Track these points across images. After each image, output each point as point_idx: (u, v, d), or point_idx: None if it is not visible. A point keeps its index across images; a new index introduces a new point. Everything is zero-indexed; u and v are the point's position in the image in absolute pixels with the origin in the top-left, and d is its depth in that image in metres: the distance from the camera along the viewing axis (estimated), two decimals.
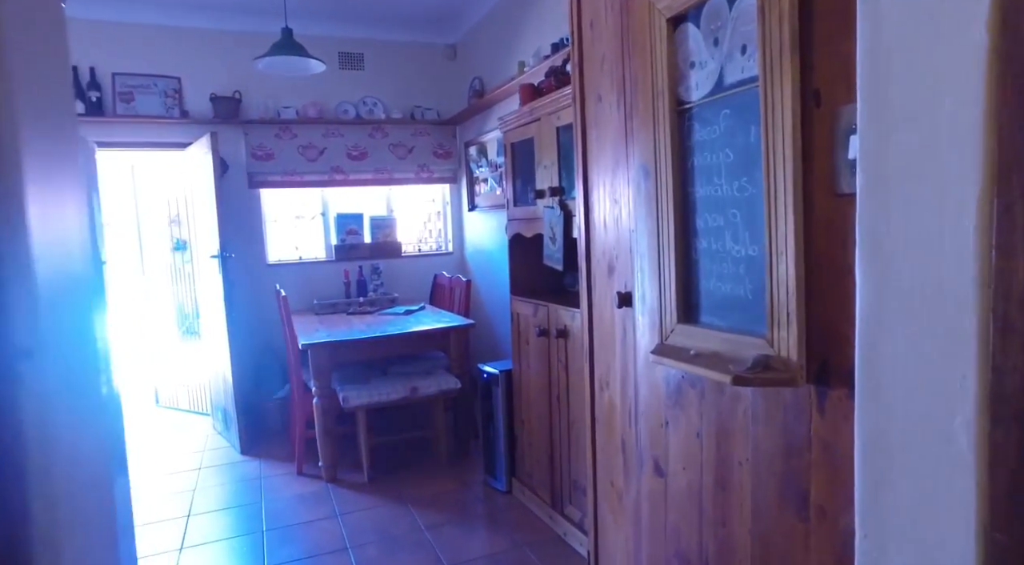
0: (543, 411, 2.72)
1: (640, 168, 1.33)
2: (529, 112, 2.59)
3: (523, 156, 2.78)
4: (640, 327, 1.42)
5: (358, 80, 4.57)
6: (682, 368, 1.11)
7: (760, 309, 1.00)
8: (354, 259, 4.61)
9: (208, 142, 3.61)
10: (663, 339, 1.23)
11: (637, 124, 1.36)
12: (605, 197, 1.69)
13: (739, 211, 1.04)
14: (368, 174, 4.65)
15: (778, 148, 0.94)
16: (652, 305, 1.31)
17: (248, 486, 3.29)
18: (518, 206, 2.86)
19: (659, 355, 1.18)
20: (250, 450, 3.79)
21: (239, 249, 4.25)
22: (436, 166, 4.84)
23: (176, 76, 4.10)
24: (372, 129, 4.61)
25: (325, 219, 4.72)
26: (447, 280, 4.33)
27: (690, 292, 1.17)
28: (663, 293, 1.23)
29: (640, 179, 1.34)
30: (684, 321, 1.18)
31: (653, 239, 1.26)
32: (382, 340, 3.35)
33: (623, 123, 1.46)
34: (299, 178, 4.44)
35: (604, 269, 1.75)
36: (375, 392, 3.26)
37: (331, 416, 3.28)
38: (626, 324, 1.54)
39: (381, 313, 4.08)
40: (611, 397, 1.75)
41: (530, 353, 2.81)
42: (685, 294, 1.18)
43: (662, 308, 1.24)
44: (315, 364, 3.22)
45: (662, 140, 1.19)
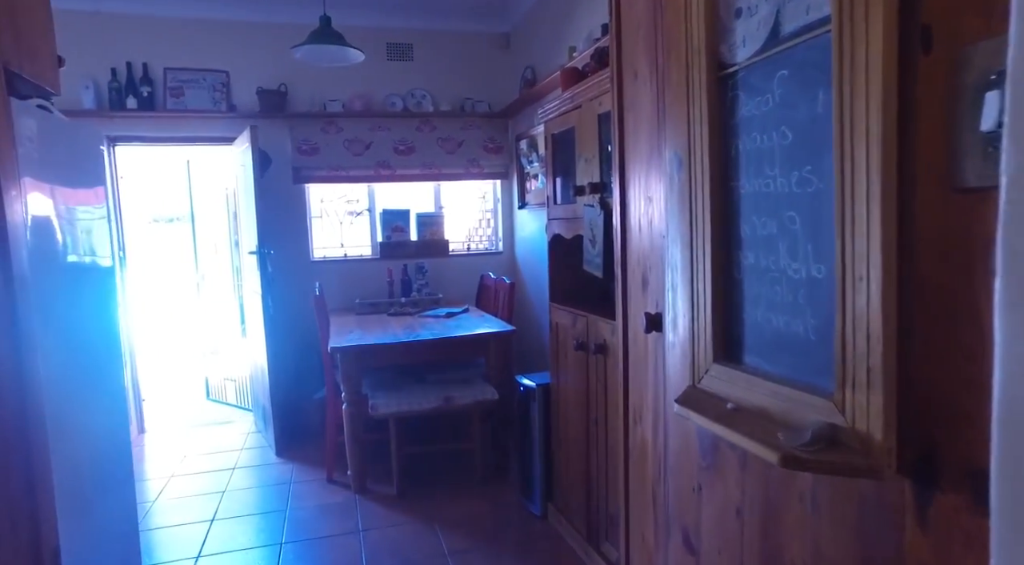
0: (580, 434, 2.43)
1: (673, 156, 1.04)
2: (570, 98, 2.31)
3: (564, 148, 2.50)
4: (671, 360, 1.12)
5: (406, 72, 4.40)
6: (714, 429, 0.81)
7: (826, 356, 0.70)
8: (399, 257, 4.45)
9: (249, 136, 3.51)
10: (695, 380, 0.93)
11: (670, 98, 1.06)
12: (640, 194, 1.40)
13: (799, 214, 0.74)
14: (415, 169, 4.47)
15: (859, 120, 0.63)
16: (684, 334, 1.01)
17: (276, 492, 3.17)
18: (559, 204, 2.58)
19: (687, 406, 0.88)
20: (285, 451, 3.69)
21: (283, 245, 4.17)
22: (486, 161, 4.61)
23: (224, 70, 4.05)
24: (420, 122, 4.43)
25: (372, 215, 4.59)
26: (492, 281, 4.09)
27: (731, 322, 0.87)
28: (697, 320, 0.93)
29: (673, 170, 1.04)
30: (722, 360, 0.88)
31: (686, 249, 0.97)
32: (415, 346, 3.15)
33: (656, 100, 1.16)
34: (344, 173, 4.32)
35: (638, 281, 1.45)
36: (406, 400, 3.06)
37: (361, 423, 3.11)
38: (658, 350, 1.24)
39: (422, 315, 3.90)
40: (644, 434, 1.45)
41: (568, 368, 2.53)
42: (724, 324, 0.88)
43: (695, 339, 0.94)
44: (344, 368, 3.05)
45: (698, 117, 0.90)
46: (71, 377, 1.78)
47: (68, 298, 1.78)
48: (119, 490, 2.12)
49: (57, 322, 1.70)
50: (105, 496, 2.00)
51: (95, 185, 2.03)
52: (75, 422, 1.80)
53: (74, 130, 1.93)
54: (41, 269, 1.61)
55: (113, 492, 2.07)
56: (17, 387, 1.38)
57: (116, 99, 3.84)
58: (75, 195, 1.90)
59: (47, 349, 1.62)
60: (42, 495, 1.47)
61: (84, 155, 1.98)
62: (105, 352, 2.04)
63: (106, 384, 2.04)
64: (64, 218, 1.78)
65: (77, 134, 1.95)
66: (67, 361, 1.76)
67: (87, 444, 1.89)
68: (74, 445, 1.80)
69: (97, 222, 2.02)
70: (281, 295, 4.04)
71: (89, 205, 1.98)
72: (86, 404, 1.88)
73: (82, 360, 1.86)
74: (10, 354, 1.37)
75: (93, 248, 1.98)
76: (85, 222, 1.93)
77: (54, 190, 1.70)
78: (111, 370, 2.08)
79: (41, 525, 1.45)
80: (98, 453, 1.96)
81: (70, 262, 1.81)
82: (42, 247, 1.62)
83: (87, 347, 1.90)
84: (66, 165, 1.82)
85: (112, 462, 2.07)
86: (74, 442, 1.80)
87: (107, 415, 2.03)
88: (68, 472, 1.75)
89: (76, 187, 1.90)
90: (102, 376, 2.01)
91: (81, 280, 1.88)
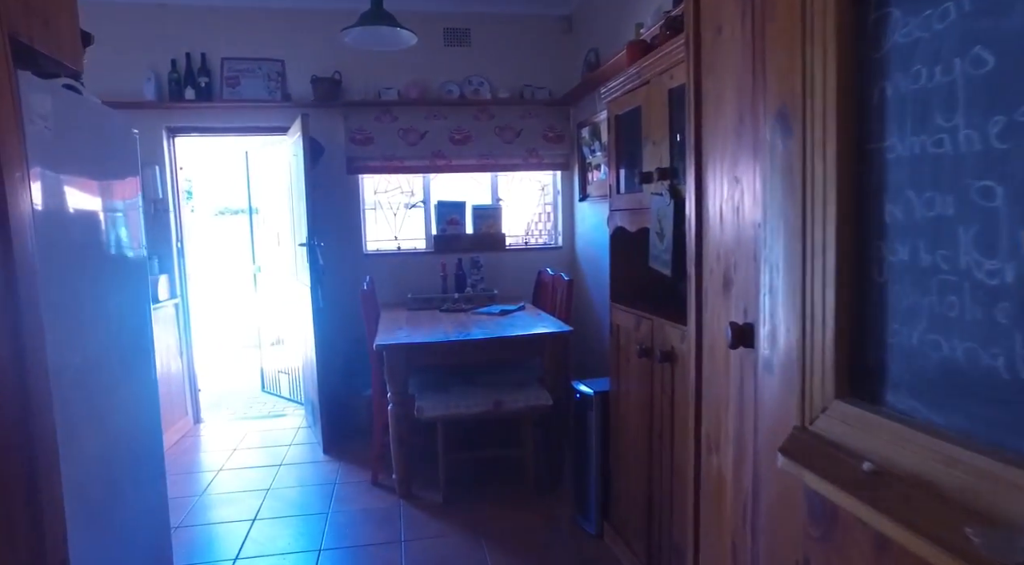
0: (642, 449, 2.18)
1: (775, 117, 0.79)
2: (637, 74, 2.05)
3: (629, 131, 2.24)
4: (765, 385, 0.86)
5: (463, 58, 4.22)
6: (845, 503, 0.56)
7: None
8: (454, 251, 4.29)
9: (300, 125, 3.41)
10: (805, 419, 0.68)
11: (772, 41, 0.80)
12: (721, 176, 1.14)
13: (1002, 183, 0.48)
14: (472, 159, 4.29)
15: None
16: (787, 354, 0.76)
17: (320, 493, 3.06)
18: (622, 193, 2.32)
19: (796, 459, 0.63)
20: (332, 449, 3.60)
21: (336, 238, 4.08)
22: (546, 151, 4.37)
23: (280, 59, 3.98)
24: (477, 111, 4.24)
25: (426, 207, 4.44)
26: (550, 278, 3.86)
27: (867, 344, 0.61)
28: (809, 338, 0.68)
29: (775, 136, 0.79)
30: (850, 396, 0.63)
31: (795, 240, 0.72)
32: (465, 345, 2.96)
33: (748, 53, 0.91)
34: (399, 163, 4.18)
35: (718, 281, 1.20)
36: (454, 403, 2.88)
37: (407, 425, 2.95)
38: (745, 370, 0.98)
39: (475, 311, 3.71)
40: (720, 468, 1.20)
41: (630, 375, 2.27)
42: (855, 345, 0.62)
43: (806, 364, 0.69)
44: (390, 367, 2.90)
45: (819, 56, 0.64)
46: (92, 373, 1.68)
47: (90, 290, 1.68)
48: (148, 489, 2.03)
49: (75, 315, 1.59)
50: (133, 496, 1.90)
51: (126, 175, 1.93)
52: (97, 420, 1.70)
53: (105, 116, 1.83)
54: (56, 259, 1.50)
55: (142, 491, 1.97)
56: (18, 386, 1.27)
57: (175, 90, 3.84)
58: (103, 183, 1.80)
59: (61, 343, 1.51)
60: (48, 503, 1.36)
61: (115, 142, 1.87)
62: (133, 346, 1.95)
63: (134, 379, 1.94)
64: (88, 206, 1.68)
65: (108, 120, 1.85)
66: (87, 356, 1.65)
67: (112, 442, 1.79)
68: (96, 444, 1.70)
69: (128, 213, 1.92)
70: (333, 288, 3.94)
71: (118, 194, 1.87)
72: (110, 401, 1.78)
73: (105, 355, 1.76)
74: (10, 349, 1.25)
75: (121, 238, 1.88)
76: (113, 212, 1.83)
77: (74, 174, 1.59)
78: (140, 365, 1.99)
79: (46, 536, 1.34)
80: (126, 451, 1.87)
81: (93, 252, 1.70)
82: (57, 235, 1.51)
83: (112, 341, 1.80)
84: (92, 150, 1.71)
85: (141, 460, 1.97)
86: (96, 441, 1.70)
87: (135, 411, 1.93)
88: (89, 474, 1.65)
89: (103, 175, 1.79)
90: (129, 371, 1.91)
91: (106, 271, 1.77)
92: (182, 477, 3.28)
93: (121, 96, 3.78)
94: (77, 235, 1.62)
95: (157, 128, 3.90)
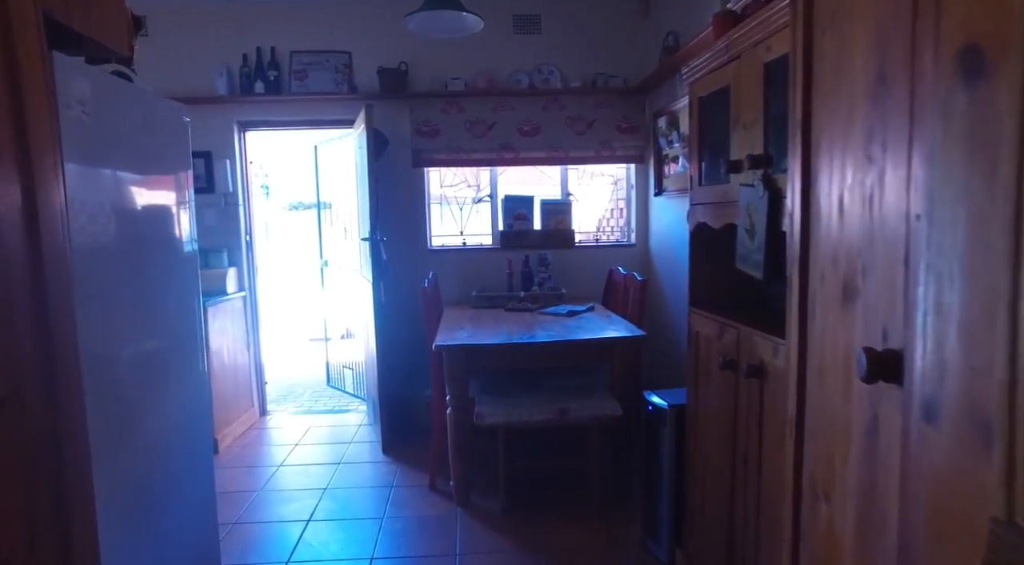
0: (723, 473, 1.93)
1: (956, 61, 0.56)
2: (724, 48, 1.80)
3: (714, 114, 1.98)
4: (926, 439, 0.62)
5: (533, 46, 4.03)
6: None
7: None
8: (521, 247, 4.12)
9: (364, 116, 3.33)
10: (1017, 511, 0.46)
11: None
12: (844, 156, 0.90)
13: None
14: (541, 152, 4.10)
15: None
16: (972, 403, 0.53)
17: (376, 495, 2.96)
18: (705, 185, 2.07)
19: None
20: (391, 449, 3.51)
21: (400, 232, 4.00)
22: (620, 143, 4.12)
23: (347, 51, 3.93)
24: (547, 101, 4.05)
25: (493, 202, 4.29)
26: (622, 278, 3.62)
27: None
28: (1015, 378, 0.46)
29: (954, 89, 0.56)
30: None
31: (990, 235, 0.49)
32: (529, 349, 2.78)
33: None
34: (465, 156, 4.05)
35: (835, 290, 0.96)
36: (515, 410, 2.71)
37: (466, 430, 2.81)
38: (883, 409, 0.75)
39: (542, 311, 3.53)
40: (832, 522, 0.96)
41: (710, 388, 2.03)
42: None
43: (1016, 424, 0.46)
44: (450, 369, 2.76)
45: None
46: (137, 368, 1.61)
47: (133, 284, 1.61)
48: (196, 485, 1.97)
49: (118, 309, 1.52)
50: (181, 492, 1.84)
51: (175, 166, 1.85)
52: (140, 419, 1.63)
53: (154, 105, 1.75)
54: (96, 251, 1.42)
55: (190, 487, 1.91)
56: (47, 384, 1.19)
57: (246, 84, 3.85)
58: (148, 174, 1.73)
59: (100, 340, 1.44)
60: (78, 507, 1.28)
61: (164, 132, 1.80)
62: (181, 343, 1.88)
63: (182, 376, 1.87)
64: (131, 197, 1.61)
65: (158, 110, 1.78)
66: (130, 354, 1.58)
67: (159, 439, 1.73)
68: (142, 441, 1.63)
69: (177, 205, 1.85)
70: (396, 284, 3.87)
71: (166, 185, 1.80)
72: (155, 399, 1.71)
73: (151, 353, 1.69)
74: (39, 343, 1.17)
75: (169, 231, 1.81)
76: (160, 204, 1.76)
77: (116, 163, 1.52)
78: (188, 362, 1.92)
79: (74, 545, 1.26)
80: (172, 449, 1.80)
81: (137, 246, 1.63)
82: (98, 226, 1.44)
83: (158, 339, 1.73)
84: (137, 139, 1.64)
85: (189, 457, 1.91)
86: (142, 438, 1.63)
87: (183, 408, 1.87)
88: (132, 475, 1.58)
89: (149, 165, 1.72)
90: (176, 367, 1.84)
91: (151, 265, 1.70)
92: (244, 471, 3.28)
93: (195, 92, 3.83)
94: (120, 227, 1.55)
95: (228, 122, 3.93)
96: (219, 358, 3.63)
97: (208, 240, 3.95)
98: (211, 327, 3.52)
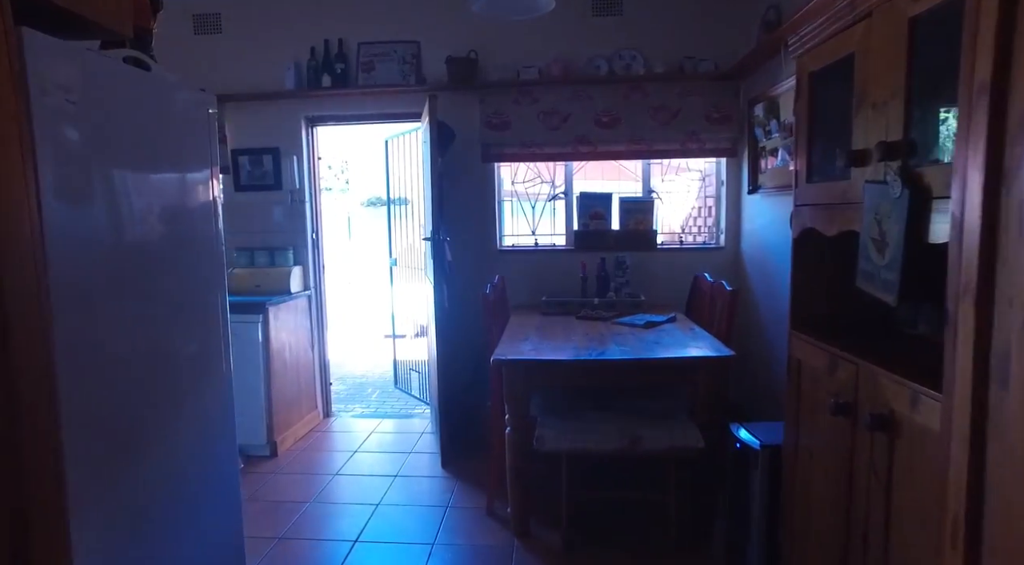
0: (832, 539, 1.55)
1: None
2: (849, 5, 1.41)
3: (830, 93, 1.59)
4: None
5: (614, 29, 3.68)
6: None
7: None
8: (596, 249, 3.79)
9: (428, 107, 3.12)
10: None
11: None
12: None
13: None
14: (621, 145, 3.75)
15: None
16: None
17: (430, 516, 2.75)
18: (815, 182, 1.68)
19: None
20: (451, 463, 3.29)
21: (467, 232, 3.78)
22: (709, 134, 3.70)
23: (415, 40, 3.74)
24: (628, 89, 3.69)
25: (568, 199, 3.99)
26: (709, 285, 3.22)
27: None
28: None
29: None
30: None
31: None
32: (599, 367, 2.47)
33: None
34: (538, 150, 3.76)
35: None
36: (581, 435, 2.40)
37: (525, 453, 2.53)
38: None
39: (617, 321, 3.19)
40: None
41: (816, 433, 1.64)
42: None
43: None
44: (509, 386, 2.50)
45: None
46: (139, 379, 1.44)
47: (138, 288, 1.44)
48: (216, 506, 1.79)
49: (114, 320, 1.35)
50: (196, 517, 1.67)
51: (193, 160, 1.67)
52: (142, 434, 1.46)
53: (169, 94, 1.57)
54: (84, 253, 1.26)
55: (208, 509, 1.74)
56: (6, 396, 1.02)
57: (313, 78, 3.75)
58: (158, 169, 1.56)
59: (98, 347, 1.27)
60: (42, 525, 1.11)
61: (181, 125, 1.62)
62: (199, 351, 1.70)
63: (197, 387, 1.70)
64: (134, 195, 1.44)
65: (178, 101, 1.60)
66: (134, 362, 1.42)
67: (173, 453, 1.57)
68: (149, 457, 1.47)
69: (194, 203, 1.67)
70: (462, 286, 3.65)
71: (180, 182, 1.63)
72: (166, 412, 1.54)
73: (159, 360, 1.52)
74: None
75: (186, 232, 1.64)
76: (173, 202, 1.59)
77: (113, 156, 1.34)
78: (205, 373, 1.74)
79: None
80: (184, 472, 1.63)
81: (140, 247, 1.46)
82: (89, 224, 1.27)
83: (167, 344, 1.56)
84: (144, 132, 1.46)
85: (206, 479, 1.74)
86: (149, 454, 1.47)
87: (199, 424, 1.69)
88: (139, 495, 1.42)
89: (159, 160, 1.54)
90: (191, 378, 1.67)
91: (159, 269, 1.53)
92: (299, 478, 3.17)
93: (264, 87, 3.77)
94: (115, 225, 1.38)
95: (296, 118, 3.84)
96: (281, 359, 3.54)
97: (275, 238, 3.89)
98: (272, 327, 3.43)
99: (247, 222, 3.88)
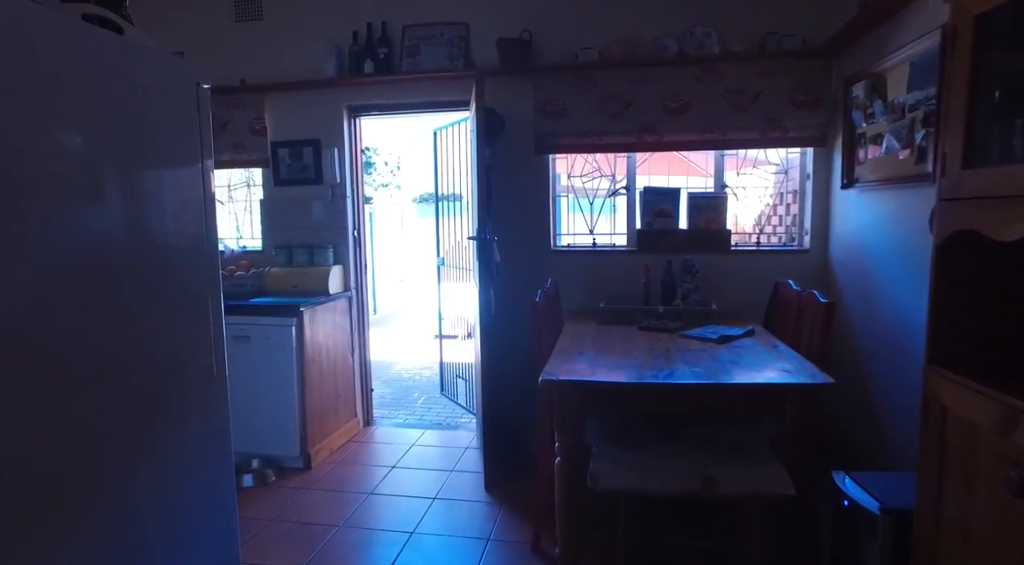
0: None
1: None
2: None
3: (1005, 46, 1.17)
4: None
5: (684, 3, 3.27)
6: None
7: None
8: (662, 251, 3.40)
9: (474, 92, 2.80)
10: None
11: None
12: None
13: None
14: (691, 134, 3.33)
15: None
16: None
17: (468, 550, 2.44)
18: (975, 167, 1.26)
19: None
20: (496, 486, 2.97)
21: (519, 229, 3.46)
22: (794, 120, 3.24)
23: (464, 22, 3.43)
24: (700, 70, 3.27)
25: (630, 195, 3.60)
26: (795, 295, 2.77)
27: None
28: None
29: None
30: None
31: None
32: (666, 392, 2.08)
33: None
34: (597, 140, 3.39)
35: None
36: (643, 473, 2.03)
37: (578, 487, 2.17)
38: None
39: (685, 334, 2.79)
40: None
41: (976, 509, 1.23)
42: None
43: None
44: (560, 410, 2.14)
45: None
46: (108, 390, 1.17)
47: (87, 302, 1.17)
48: (204, 543, 1.52)
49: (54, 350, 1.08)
50: None
51: (173, 147, 1.39)
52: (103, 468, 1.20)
53: (143, 62, 1.29)
54: None
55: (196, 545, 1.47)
56: None
57: (355, 64, 3.49)
58: (117, 154, 1.29)
59: None
60: None
61: (157, 101, 1.34)
62: (177, 370, 1.43)
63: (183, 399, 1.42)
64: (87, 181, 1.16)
65: (151, 69, 1.32)
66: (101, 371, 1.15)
67: (131, 500, 1.30)
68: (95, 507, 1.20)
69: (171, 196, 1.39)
70: (512, 290, 3.33)
71: (147, 169, 1.36)
72: (135, 443, 1.27)
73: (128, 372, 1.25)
74: None
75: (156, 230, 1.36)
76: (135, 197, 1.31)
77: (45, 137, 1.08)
78: (193, 393, 1.46)
79: None
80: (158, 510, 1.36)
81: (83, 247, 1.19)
82: None
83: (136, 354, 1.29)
84: (101, 107, 1.19)
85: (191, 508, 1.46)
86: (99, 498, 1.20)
87: (180, 450, 1.42)
88: None
89: (118, 144, 1.27)
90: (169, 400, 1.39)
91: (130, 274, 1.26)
92: (330, 496, 2.92)
93: (304, 75, 3.55)
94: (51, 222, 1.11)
95: (338, 107, 3.60)
96: (317, 365, 3.31)
97: (314, 235, 3.67)
98: (308, 331, 3.20)
99: (285, 218, 3.67)
